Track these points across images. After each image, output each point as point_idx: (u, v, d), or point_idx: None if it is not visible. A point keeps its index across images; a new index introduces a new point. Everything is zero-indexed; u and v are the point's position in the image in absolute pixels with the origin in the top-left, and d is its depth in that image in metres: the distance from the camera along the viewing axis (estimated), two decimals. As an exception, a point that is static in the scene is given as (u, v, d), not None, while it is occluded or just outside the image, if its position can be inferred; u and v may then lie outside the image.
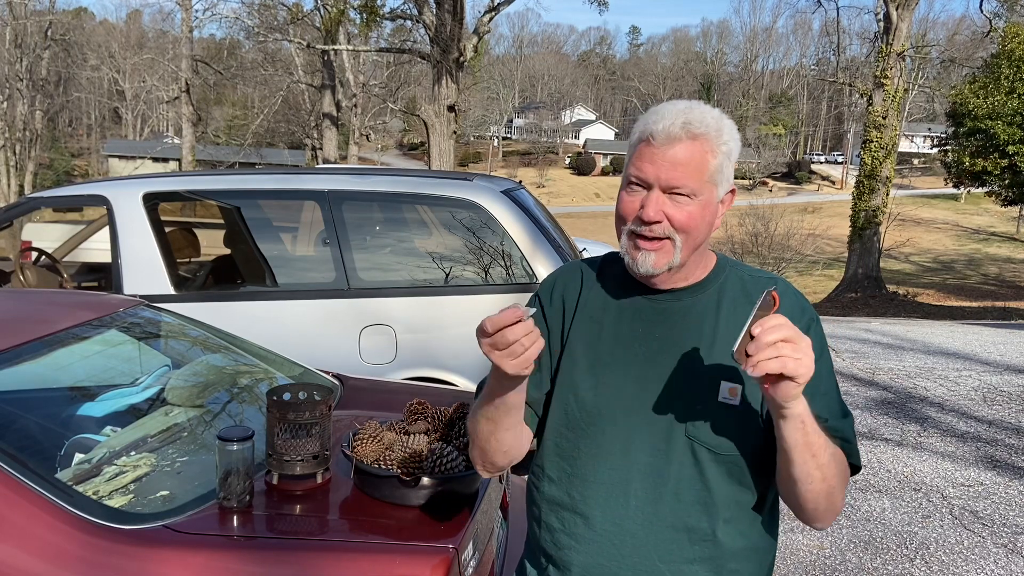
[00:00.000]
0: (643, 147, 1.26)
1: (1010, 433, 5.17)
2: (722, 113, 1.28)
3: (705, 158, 1.24)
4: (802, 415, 1.16)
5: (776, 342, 1.08)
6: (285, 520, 1.91)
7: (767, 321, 1.11)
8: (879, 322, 10.52)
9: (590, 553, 1.34)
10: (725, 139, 1.26)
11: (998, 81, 18.33)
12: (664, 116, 1.24)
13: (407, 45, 18.69)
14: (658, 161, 1.24)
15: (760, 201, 36.70)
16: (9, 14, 35.03)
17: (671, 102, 1.29)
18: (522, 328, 1.13)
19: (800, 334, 1.11)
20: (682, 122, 1.23)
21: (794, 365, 1.08)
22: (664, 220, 1.25)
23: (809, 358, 1.10)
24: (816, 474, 1.21)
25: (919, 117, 58.50)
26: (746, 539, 1.33)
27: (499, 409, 1.29)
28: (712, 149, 1.25)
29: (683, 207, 1.25)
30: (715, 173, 1.26)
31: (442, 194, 4.16)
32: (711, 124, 1.25)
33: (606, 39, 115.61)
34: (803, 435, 1.17)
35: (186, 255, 5.42)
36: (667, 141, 1.23)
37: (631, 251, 1.29)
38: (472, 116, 60.84)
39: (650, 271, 1.29)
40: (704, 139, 1.24)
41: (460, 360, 3.98)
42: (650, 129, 1.24)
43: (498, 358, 1.15)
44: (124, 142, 57.32)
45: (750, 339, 1.10)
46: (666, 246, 1.27)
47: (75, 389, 2.56)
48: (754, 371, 1.09)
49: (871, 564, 3.48)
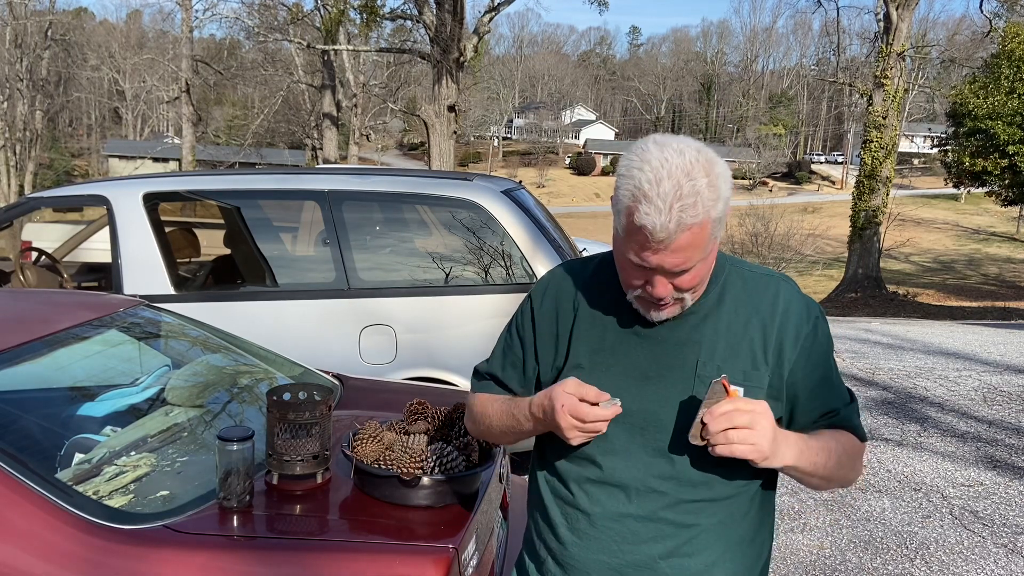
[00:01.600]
0: (640, 237, 1.20)
1: (1010, 433, 5.17)
2: (709, 160, 1.20)
3: (704, 234, 1.20)
4: (789, 466, 1.26)
5: (725, 430, 1.18)
6: (285, 520, 1.91)
7: (717, 409, 1.19)
8: (879, 322, 10.52)
9: (591, 549, 1.35)
10: (720, 197, 1.20)
11: (998, 81, 18.32)
12: (657, 208, 1.16)
13: (407, 45, 18.70)
14: (661, 252, 1.20)
15: (760, 201, 36.73)
16: (9, 14, 35.04)
17: (658, 174, 1.17)
18: (608, 413, 1.27)
19: (755, 418, 1.19)
20: (677, 218, 1.16)
21: (743, 451, 1.19)
22: (672, 291, 1.26)
23: (763, 441, 1.19)
24: (821, 482, 1.34)
25: (919, 117, 58.50)
26: (744, 535, 1.36)
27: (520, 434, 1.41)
28: (709, 220, 1.19)
29: (689, 273, 1.24)
30: (713, 231, 1.22)
31: (442, 194, 4.16)
32: (706, 203, 1.17)
33: (606, 39, 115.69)
34: (799, 473, 1.29)
35: (186, 255, 5.42)
36: (665, 238, 1.18)
37: (642, 305, 1.31)
38: (472, 116, 60.82)
39: (664, 319, 1.32)
40: (702, 221, 1.18)
41: (460, 360, 3.98)
42: (643, 222, 1.17)
43: (568, 423, 1.27)
44: (124, 142, 57.34)
45: (702, 425, 1.20)
46: (676, 303, 1.30)
47: (75, 389, 2.56)
48: (713, 452, 1.21)
49: (871, 564, 3.48)
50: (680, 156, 1.18)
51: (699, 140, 1.27)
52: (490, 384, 1.52)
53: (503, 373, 1.49)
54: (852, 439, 1.38)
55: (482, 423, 1.49)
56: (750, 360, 1.31)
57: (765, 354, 1.32)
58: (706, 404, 1.20)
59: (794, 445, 1.25)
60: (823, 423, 1.36)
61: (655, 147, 1.20)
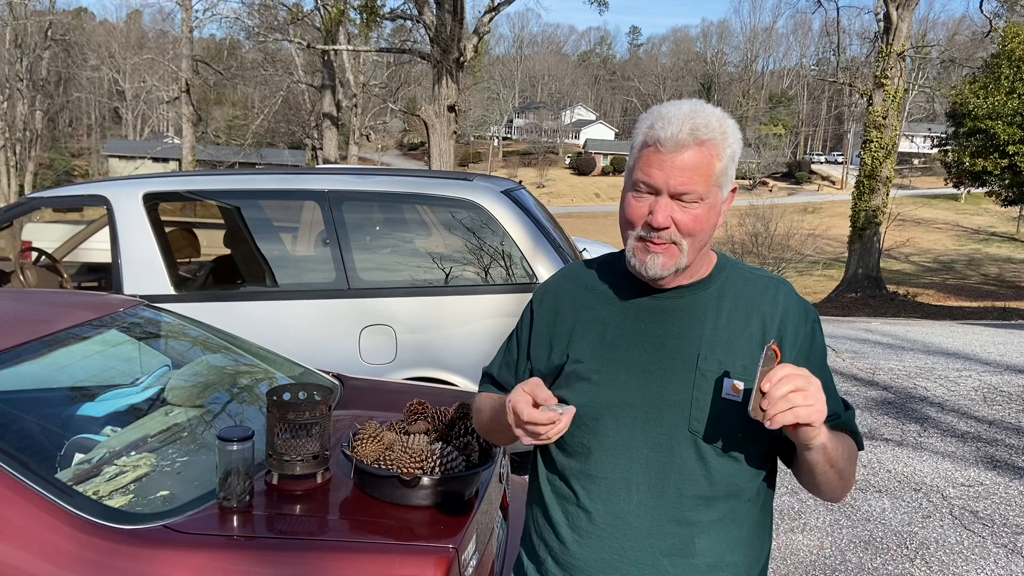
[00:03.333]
0: (650, 152, 1.26)
1: (1010, 433, 5.17)
2: (724, 113, 1.29)
3: (712, 162, 1.25)
4: (824, 444, 1.22)
5: (787, 394, 1.14)
6: (285, 520, 1.91)
7: (774, 375, 1.15)
8: (879, 322, 10.52)
9: (592, 548, 1.35)
10: (730, 141, 1.27)
11: (998, 81, 18.32)
12: (670, 121, 1.24)
13: (407, 45, 18.69)
14: (667, 167, 1.24)
15: (760, 201, 36.72)
16: (9, 14, 35.04)
17: (674, 103, 1.29)
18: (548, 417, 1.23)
19: (809, 379, 1.16)
20: (689, 128, 1.23)
21: (807, 412, 1.14)
22: (672, 226, 1.27)
23: (821, 401, 1.15)
24: (834, 477, 1.30)
25: (919, 117, 58.51)
26: (744, 534, 1.36)
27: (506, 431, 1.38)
28: (718, 153, 1.26)
29: (690, 211, 1.27)
30: (720, 176, 1.27)
31: (442, 194, 4.16)
32: (716, 128, 1.25)
33: (606, 39, 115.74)
34: (824, 456, 1.25)
35: (186, 255, 5.42)
36: (675, 148, 1.23)
37: (639, 254, 1.31)
38: (472, 116, 60.86)
39: (659, 273, 1.31)
40: (711, 144, 1.25)
41: (460, 360, 3.98)
42: (656, 134, 1.25)
43: (519, 433, 1.27)
44: (124, 142, 57.31)
45: (762, 395, 1.15)
46: (673, 249, 1.29)
47: (75, 389, 2.56)
48: (771, 425, 1.15)
49: (871, 564, 3.48)
50: (695, 103, 1.29)
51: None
52: (490, 385, 1.56)
53: (499, 373, 1.55)
54: (853, 443, 1.38)
55: (478, 421, 1.54)
56: (750, 355, 1.31)
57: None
58: (761, 372, 1.17)
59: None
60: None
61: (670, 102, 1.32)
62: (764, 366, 1.18)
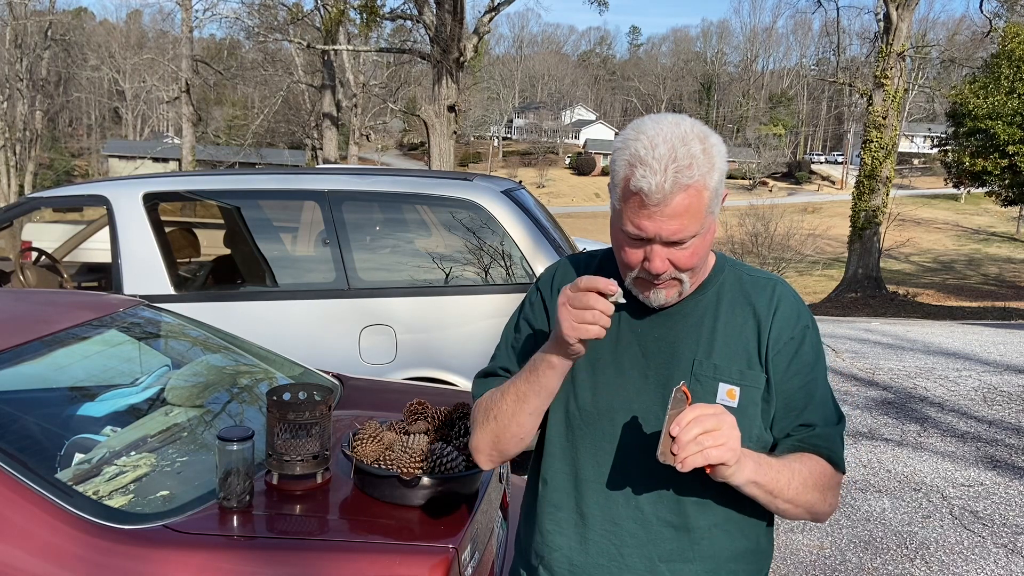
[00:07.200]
0: (636, 203, 1.20)
1: (1010, 433, 5.17)
2: (705, 132, 1.22)
3: (701, 201, 1.20)
4: (750, 479, 1.21)
5: (696, 436, 1.13)
6: (285, 520, 1.91)
7: (683, 417, 1.14)
8: (879, 322, 10.52)
9: (588, 553, 1.34)
10: (716, 166, 1.21)
11: (998, 81, 18.31)
12: (653, 170, 1.17)
13: (407, 45, 18.67)
14: (656, 218, 1.20)
15: (760, 201, 36.75)
16: (9, 14, 35.04)
17: (652, 135, 1.20)
18: (605, 304, 1.17)
19: (720, 418, 1.14)
20: (673, 174, 1.17)
21: (717, 453, 1.14)
22: (670, 267, 1.25)
23: (733, 439, 1.15)
24: (785, 507, 1.27)
25: (919, 117, 58.45)
26: (744, 539, 1.34)
27: (533, 386, 1.29)
28: (705, 186, 1.20)
29: (686, 250, 1.24)
30: (711, 203, 1.22)
31: (442, 194, 4.16)
32: (702, 162, 1.19)
33: (606, 39, 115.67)
34: (760, 490, 1.23)
35: (186, 255, 5.42)
36: (662, 199, 1.18)
37: (641, 289, 1.29)
38: (472, 116, 60.82)
39: (664, 303, 1.30)
40: (697, 184, 1.19)
41: (460, 360, 3.98)
42: (639, 185, 1.18)
43: (565, 315, 1.18)
44: (124, 142, 57.30)
45: (671, 440, 1.14)
46: (674, 283, 1.28)
47: (75, 389, 2.56)
48: (683, 468, 1.14)
49: (871, 564, 3.48)
50: (675, 127, 1.21)
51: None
52: (493, 381, 1.43)
53: (511, 364, 1.43)
54: (824, 466, 1.30)
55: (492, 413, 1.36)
56: (746, 360, 1.30)
57: (759, 354, 1.31)
58: (670, 416, 1.16)
59: (750, 457, 1.21)
60: (796, 439, 1.31)
61: (650, 121, 1.23)
62: (673, 408, 1.17)
